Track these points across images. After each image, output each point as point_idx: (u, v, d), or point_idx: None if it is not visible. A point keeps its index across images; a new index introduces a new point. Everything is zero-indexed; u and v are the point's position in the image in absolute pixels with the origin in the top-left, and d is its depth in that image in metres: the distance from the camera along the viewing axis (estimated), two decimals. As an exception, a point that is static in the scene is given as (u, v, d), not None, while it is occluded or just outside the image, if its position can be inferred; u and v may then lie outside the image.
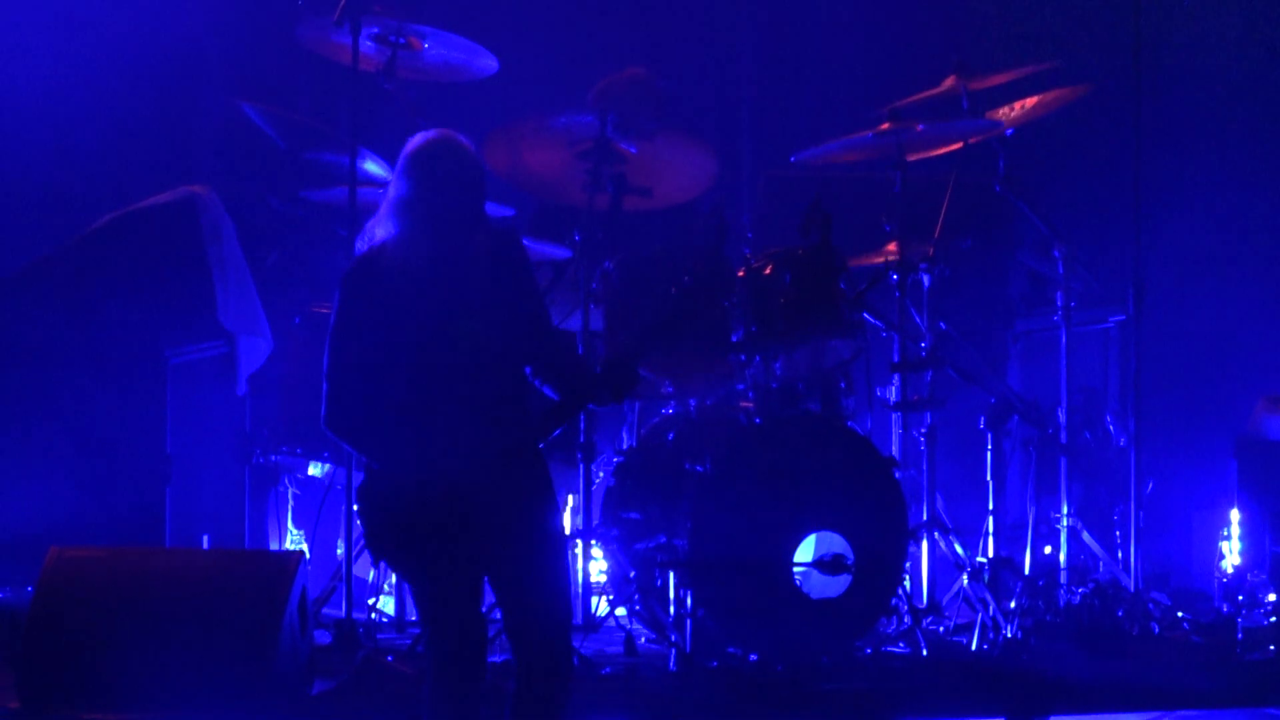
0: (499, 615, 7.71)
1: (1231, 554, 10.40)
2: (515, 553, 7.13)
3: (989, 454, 10.21)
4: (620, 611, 9.38)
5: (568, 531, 9.82)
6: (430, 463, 7.05)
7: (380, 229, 7.30)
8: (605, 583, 9.67)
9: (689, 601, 8.83)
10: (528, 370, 7.30)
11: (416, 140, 7.32)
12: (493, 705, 7.41)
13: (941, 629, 9.58)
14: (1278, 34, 11.60)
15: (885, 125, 9.80)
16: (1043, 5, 11.48)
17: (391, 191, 7.32)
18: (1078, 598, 9.82)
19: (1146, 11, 10.53)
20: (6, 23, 11.03)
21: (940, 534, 9.76)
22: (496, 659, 7.96)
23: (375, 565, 7.49)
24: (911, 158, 9.95)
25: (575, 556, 9.71)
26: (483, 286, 7.22)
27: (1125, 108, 10.30)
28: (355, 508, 7.55)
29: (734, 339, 9.28)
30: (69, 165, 11.03)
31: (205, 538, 10.11)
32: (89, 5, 11.06)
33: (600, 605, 9.59)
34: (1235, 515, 10.38)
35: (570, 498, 9.93)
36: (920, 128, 9.79)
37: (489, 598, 7.52)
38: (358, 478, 7.54)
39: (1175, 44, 11.30)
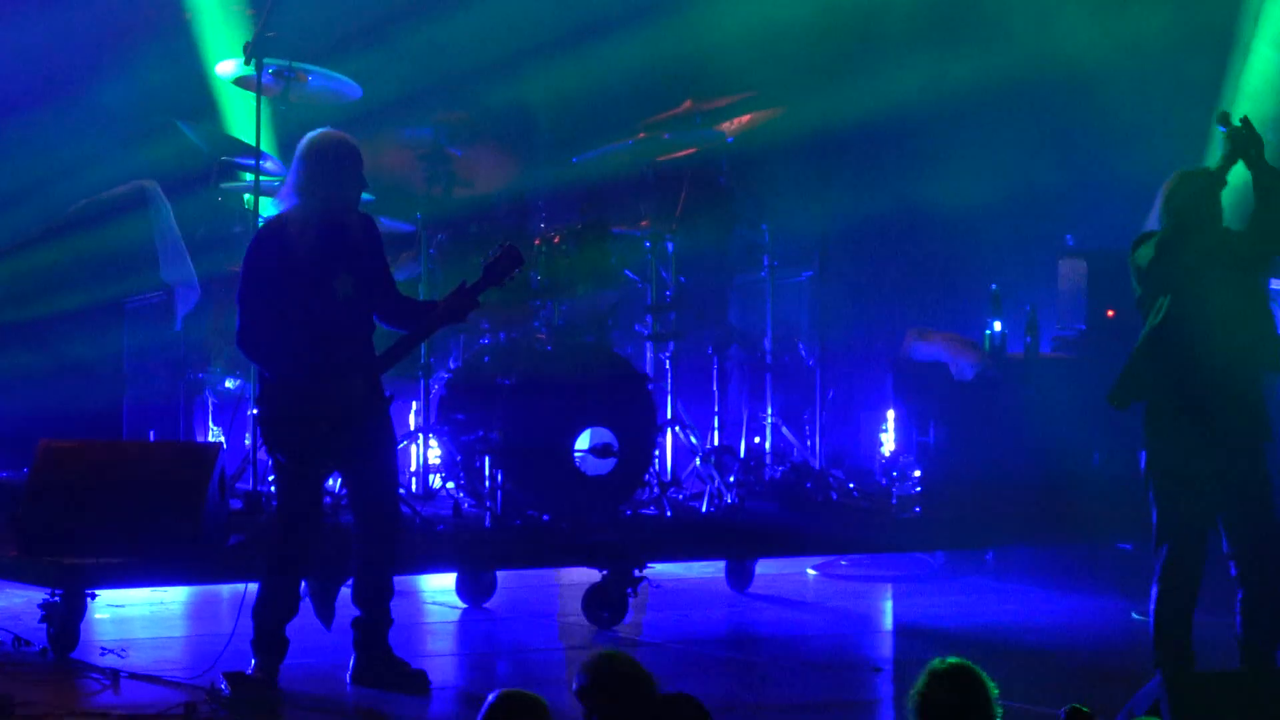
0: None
1: (888, 442, 11.05)
2: (365, 443, 7.57)
3: (715, 371, 10.61)
4: (450, 485, 9.71)
5: (412, 428, 10.17)
6: (317, 375, 7.44)
7: (285, 203, 7.58)
8: (440, 465, 9.93)
9: (500, 478, 9.24)
10: (376, 318, 7.64)
11: (313, 135, 7.55)
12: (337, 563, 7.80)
13: (681, 497, 10.00)
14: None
15: (641, 134, 10.53)
16: (752, 47, 11.40)
17: (292, 175, 7.55)
18: (779, 474, 10.47)
19: (825, 47, 11.29)
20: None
21: (680, 428, 10.26)
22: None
23: (270, 453, 7.49)
24: (661, 158, 10.58)
25: (418, 447, 9.96)
26: (355, 251, 7.58)
27: (816, 121, 11.03)
28: (254, 411, 8.08)
29: (533, 288, 9.77)
30: (50, 166, 10.96)
31: (151, 433, 10.42)
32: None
33: (436, 481, 9.94)
34: (891, 414, 11.04)
35: (414, 404, 10.17)
36: (666, 136, 10.55)
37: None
38: (259, 390, 7.80)
39: (860, 70, 11.44)
